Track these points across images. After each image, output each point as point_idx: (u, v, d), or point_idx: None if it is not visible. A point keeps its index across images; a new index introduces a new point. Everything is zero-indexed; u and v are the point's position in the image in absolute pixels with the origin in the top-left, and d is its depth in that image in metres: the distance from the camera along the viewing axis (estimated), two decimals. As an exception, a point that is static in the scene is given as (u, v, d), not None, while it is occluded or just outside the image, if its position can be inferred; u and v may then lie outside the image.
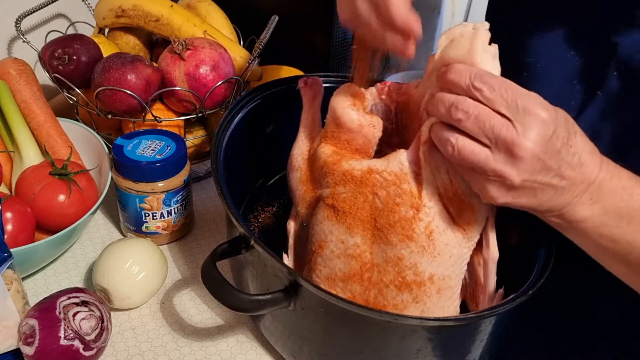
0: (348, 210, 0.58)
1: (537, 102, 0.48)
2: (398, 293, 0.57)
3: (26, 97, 0.81)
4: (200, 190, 0.89)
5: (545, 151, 0.48)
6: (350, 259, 0.58)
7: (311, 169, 0.64)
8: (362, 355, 0.58)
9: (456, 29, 0.53)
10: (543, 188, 0.49)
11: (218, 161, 0.66)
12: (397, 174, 0.56)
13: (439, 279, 0.57)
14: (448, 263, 0.56)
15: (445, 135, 0.50)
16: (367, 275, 0.58)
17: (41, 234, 0.73)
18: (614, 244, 0.52)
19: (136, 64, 0.78)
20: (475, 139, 0.49)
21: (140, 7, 0.86)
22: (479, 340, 0.59)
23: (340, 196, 0.58)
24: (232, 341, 0.69)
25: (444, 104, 0.50)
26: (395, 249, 0.56)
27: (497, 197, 0.51)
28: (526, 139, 0.47)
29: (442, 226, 0.56)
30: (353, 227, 0.58)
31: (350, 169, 0.58)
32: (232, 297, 0.56)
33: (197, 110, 0.81)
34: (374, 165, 0.57)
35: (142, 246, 0.71)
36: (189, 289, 0.74)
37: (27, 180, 0.73)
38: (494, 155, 0.48)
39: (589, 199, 0.50)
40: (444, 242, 0.56)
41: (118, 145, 0.74)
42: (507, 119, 0.47)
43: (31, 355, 0.60)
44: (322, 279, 0.60)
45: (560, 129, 0.48)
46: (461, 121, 0.49)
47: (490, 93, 0.48)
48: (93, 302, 0.63)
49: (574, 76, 0.62)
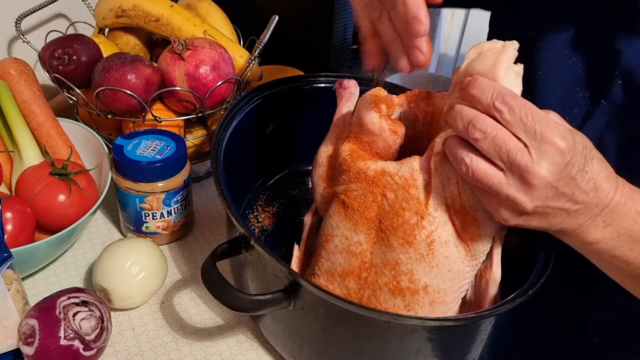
0: (357, 207, 0.58)
1: (555, 130, 0.47)
2: (391, 297, 0.57)
3: (26, 97, 0.81)
4: (200, 190, 0.89)
5: (559, 179, 0.48)
6: (351, 256, 0.59)
7: (332, 166, 0.64)
8: (362, 355, 0.58)
9: (485, 44, 0.53)
10: (555, 212, 0.50)
11: (218, 161, 0.66)
12: (407, 178, 0.56)
13: (434, 291, 0.56)
14: (445, 277, 0.56)
15: (460, 153, 0.50)
16: (364, 274, 0.58)
17: (41, 234, 0.74)
18: (627, 265, 0.52)
19: (136, 64, 0.78)
20: (490, 160, 0.49)
21: (140, 7, 0.86)
22: (479, 340, 0.59)
23: (352, 193, 0.59)
24: (232, 341, 0.69)
25: (463, 119, 0.49)
26: (395, 252, 0.56)
27: (509, 220, 0.51)
28: (541, 167, 0.47)
29: (444, 238, 0.55)
30: (359, 224, 0.58)
31: (365, 168, 0.59)
32: (232, 297, 0.56)
33: (197, 110, 0.81)
34: (388, 167, 0.58)
35: (142, 246, 0.71)
36: (189, 289, 0.74)
37: (27, 180, 0.73)
38: (508, 180, 0.48)
39: (602, 222, 0.50)
40: (444, 254, 0.56)
41: (118, 145, 0.74)
42: (524, 144, 0.47)
43: (31, 355, 0.60)
44: (322, 272, 0.61)
45: (577, 157, 0.48)
46: (478, 140, 0.48)
47: (510, 116, 0.47)
48: (93, 302, 0.63)
49: (577, 83, 0.62)
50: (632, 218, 0.50)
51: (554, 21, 0.63)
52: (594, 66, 0.61)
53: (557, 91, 0.63)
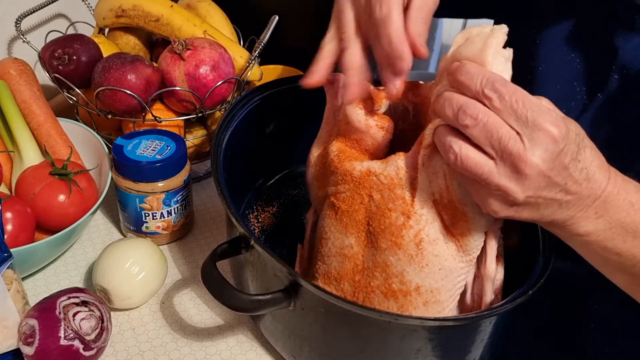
0: (346, 210, 0.57)
1: (547, 117, 0.45)
2: (384, 300, 0.56)
3: (26, 97, 0.81)
4: (200, 190, 0.89)
5: (552, 168, 0.46)
6: (344, 259, 0.58)
7: (323, 166, 0.63)
8: (362, 355, 0.58)
9: (474, 29, 0.51)
10: (547, 203, 0.48)
11: (218, 161, 0.66)
12: (393, 177, 0.55)
13: (426, 291, 0.55)
14: (437, 275, 0.55)
15: (449, 141, 0.48)
16: (357, 277, 0.58)
17: (41, 234, 0.73)
18: (619, 257, 0.51)
19: (136, 64, 0.78)
20: (480, 149, 0.47)
21: (140, 7, 0.86)
22: (479, 340, 0.59)
23: (341, 195, 0.58)
24: (232, 341, 0.69)
25: (452, 106, 0.47)
26: (384, 254, 0.55)
27: (499, 211, 0.49)
28: (533, 155, 0.45)
29: (433, 235, 0.54)
30: (349, 227, 0.57)
31: (351, 168, 0.57)
32: (232, 297, 0.56)
33: (197, 110, 0.81)
34: (373, 167, 0.56)
35: (142, 246, 0.71)
36: (189, 289, 0.74)
37: (27, 180, 0.73)
38: (498, 169, 0.46)
39: (594, 214, 0.49)
40: (434, 252, 0.54)
41: (118, 145, 0.74)
42: (515, 132, 0.45)
43: (31, 355, 0.60)
44: (320, 275, 0.61)
45: (570, 145, 0.46)
46: (468, 127, 0.46)
47: (501, 103, 0.46)
48: (93, 302, 0.63)
49: (576, 78, 0.62)
50: (625, 209, 0.49)
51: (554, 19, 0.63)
52: (593, 62, 0.61)
53: (557, 87, 0.63)
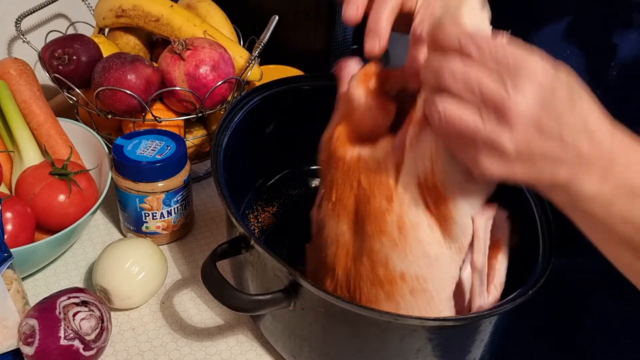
0: (338, 197, 0.57)
1: (532, 60, 0.43)
2: (372, 287, 0.56)
3: (26, 97, 0.81)
4: (200, 190, 0.89)
5: (541, 114, 0.43)
6: (339, 247, 0.58)
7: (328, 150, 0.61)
8: (362, 355, 0.58)
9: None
10: (543, 157, 0.44)
11: (218, 161, 0.66)
12: (380, 162, 0.54)
13: (412, 278, 0.54)
14: (422, 262, 0.53)
15: (434, 102, 0.46)
16: (349, 264, 0.58)
17: (41, 234, 0.73)
18: (624, 225, 0.47)
19: (136, 64, 0.78)
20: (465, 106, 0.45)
21: (140, 7, 0.86)
22: (479, 340, 0.59)
23: (336, 181, 0.57)
24: (232, 341, 0.69)
25: (432, 68, 0.46)
26: (371, 241, 0.54)
27: (490, 168, 0.45)
28: (517, 100, 0.42)
29: (415, 220, 0.52)
30: (341, 214, 0.57)
31: (344, 154, 0.56)
32: (232, 297, 0.56)
33: (197, 110, 0.81)
34: (363, 152, 0.55)
35: (142, 246, 0.71)
36: (189, 289, 0.74)
37: (27, 180, 0.73)
38: (484, 120, 0.44)
39: (598, 173, 0.45)
40: (417, 238, 0.52)
41: (118, 145, 0.74)
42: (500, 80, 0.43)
43: (31, 355, 0.60)
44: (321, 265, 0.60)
45: (562, 90, 0.43)
46: (450, 85, 0.44)
47: (480, 54, 0.43)
48: (93, 302, 0.63)
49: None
50: (633, 169, 0.45)
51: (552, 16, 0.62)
52: (591, 59, 0.60)
53: None
